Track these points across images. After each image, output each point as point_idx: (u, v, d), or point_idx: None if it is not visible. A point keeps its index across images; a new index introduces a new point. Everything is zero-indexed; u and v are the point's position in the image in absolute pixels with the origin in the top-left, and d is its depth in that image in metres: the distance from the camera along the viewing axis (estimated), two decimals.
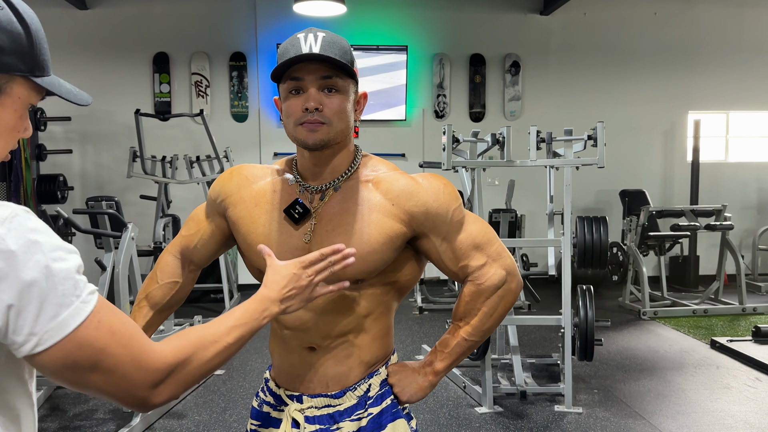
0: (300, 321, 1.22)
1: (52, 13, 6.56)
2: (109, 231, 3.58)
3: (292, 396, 1.26)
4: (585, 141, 3.65)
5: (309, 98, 1.13)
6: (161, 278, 1.37)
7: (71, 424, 3.43)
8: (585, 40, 7.23)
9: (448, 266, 1.24)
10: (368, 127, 7.01)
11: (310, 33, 1.14)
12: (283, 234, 1.21)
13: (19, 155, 5.67)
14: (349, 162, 1.23)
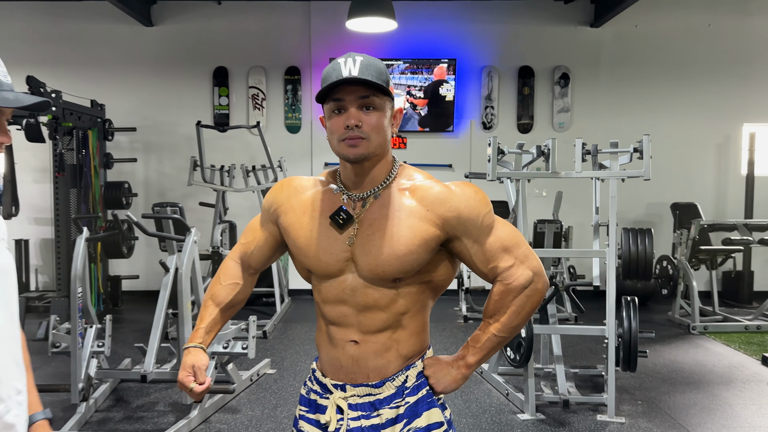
0: (343, 317, 1.36)
1: (122, 30, 7.00)
2: (173, 234, 3.83)
3: (337, 385, 1.40)
4: (631, 153, 3.68)
5: (350, 116, 1.28)
6: (224, 280, 1.53)
7: (134, 415, 3.67)
8: (636, 52, 7.19)
9: (479, 267, 1.36)
10: (416, 138, 7.16)
11: (350, 58, 1.29)
12: (328, 238, 1.35)
13: (89, 163, 6.06)
14: (387, 172, 1.37)
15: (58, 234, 5.91)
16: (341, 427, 1.37)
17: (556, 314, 4.22)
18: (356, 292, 1.34)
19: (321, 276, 1.38)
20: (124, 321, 6.02)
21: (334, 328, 1.39)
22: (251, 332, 3.68)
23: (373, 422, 1.36)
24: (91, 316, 3.75)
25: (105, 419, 3.61)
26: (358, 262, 1.33)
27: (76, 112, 5.81)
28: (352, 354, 1.37)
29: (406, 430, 1.35)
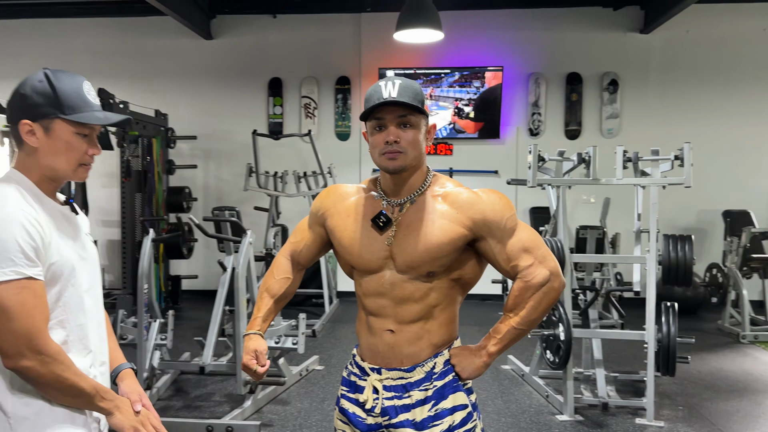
0: (381, 308, 1.54)
1: (184, 44, 7.41)
2: (230, 236, 4.10)
3: (374, 368, 1.57)
4: (672, 161, 3.72)
5: (389, 133, 1.46)
6: (277, 275, 1.73)
7: (192, 404, 3.95)
8: (688, 58, 7.12)
9: (502, 265, 1.52)
10: (462, 144, 7.29)
11: (389, 82, 1.47)
12: (369, 239, 1.53)
13: (153, 169, 6.46)
14: (422, 180, 1.55)
15: (124, 235, 6.32)
16: (376, 405, 1.54)
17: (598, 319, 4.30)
18: (394, 286, 1.52)
19: (363, 272, 1.56)
20: (183, 318, 6.38)
21: (373, 318, 1.57)
22: (300, 329, 3.90)
23: (404, 402, 1.53)
24: (156, 311, 4.05)
25: (166, 407, 3.90)
26: (396, 258, 1.51)
27: (142, 122, 6.21)
28: (388, 341, 1.54)
29: (433, 409, 1.52)
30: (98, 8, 7.30)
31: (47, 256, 1.30)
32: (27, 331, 1.24)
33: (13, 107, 1.36)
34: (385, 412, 1.53)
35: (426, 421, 1.51)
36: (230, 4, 7.31)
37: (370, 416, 1.56)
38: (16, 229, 1.25)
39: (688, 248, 3.60)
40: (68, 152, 1.36)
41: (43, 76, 1.37)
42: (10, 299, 1.22)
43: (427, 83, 7.18)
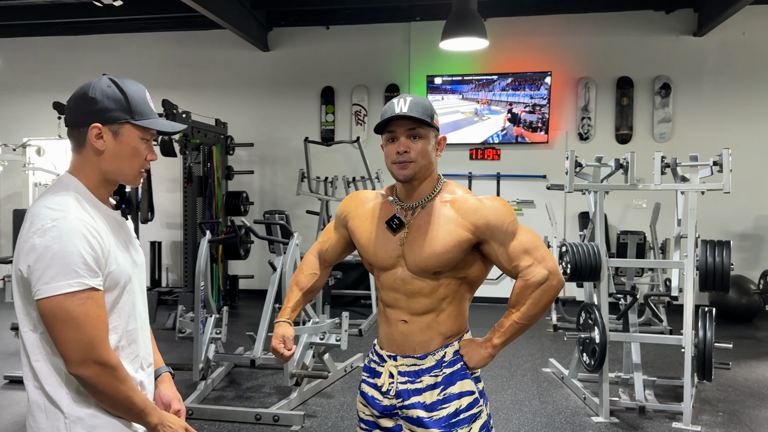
0: (395, 301, 1.71)
1: (242, 55, 7.80)
2: (279, 238, 4.36)
3: (390, 355, 1.75)
4: (711, 167, 3.73)
5: (400, 145, 1.64)
6: (305, 270, 1.92)
7: (244, 395, 4.23)
8: (743, 60, 6.96)
9: (504, 265, 1.66)
10: (510, 149, 7.36)
11: (401, 98, 1.64)
12: (384, 239, 1.71)
13: (213, 175, 6.84)
14: (433, 187, 1.71)
15: (186, 237, 6.71)
16: (391, 389, 1.72)
17: (648, 325, 4.31)
18: (405, 281, 1.68)
19: (379, 268, 1.74)
20: (239, 315, 6.73)
21: (389, 310, 1.74)
22: (344, 326, 4.11)
23: (416, 386, 1.70)
24: (211, 307, 4.35)
25: (220, 397, 4.19)
26: (407, 258, 1.67)
27: (203, 130, 6.60)
28: (402, 330, 1.71)
29: (442, 394, 1.68)
30: (163, 23, 7.78)
31: (106, 265, 1.35)
32: (90, 341, 1.28)
33: (79, 111, 1.39)
34: (399, 395, 1.70)
35: (435, 403, 1.67)
36: (286, 17, 7.65)
37: (386, 398, 1.73)
38: (79, 240, 1.29)
39: (725, 254, 3.60)
40: (133, 157, 1.41)
41: (110, 82, 1.40)
42: (76, 309, 1.26)
43: (479, 87, 7.28)
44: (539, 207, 7.15)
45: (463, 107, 7.32)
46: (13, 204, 8.18)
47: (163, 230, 7.90)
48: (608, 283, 3.89)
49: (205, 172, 6.77)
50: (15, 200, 8.25)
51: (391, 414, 1.72)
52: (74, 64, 8.21)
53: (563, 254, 3.88)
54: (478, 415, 1.70)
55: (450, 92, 7.33)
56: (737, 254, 7.06)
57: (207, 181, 6.78)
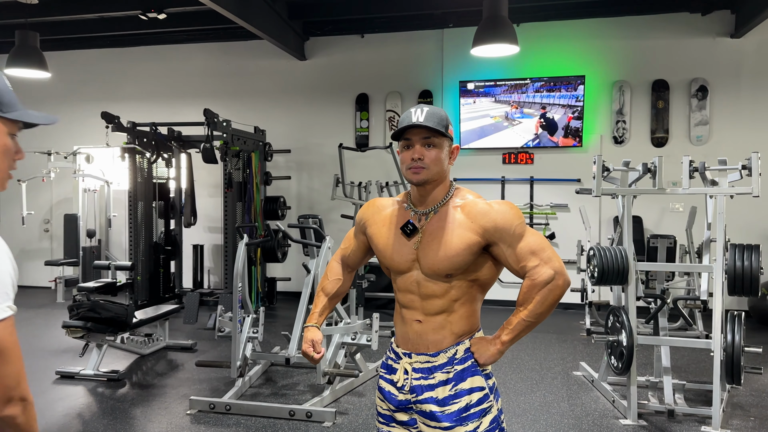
0: (411, 302, 1.82)
1: (280, 64, 8.04)
2: (312, 241, 4.53)
3: (405, 353, 1.85)
4: (740, 171, 3.73)
5: (415, 152, 1.74)
6: (330, 277, 2.05)
7: (279, 392, 4.40)
8: None
9: (512, 266, 1.76)
10: (544, 153, 7.38)
11: (419, 108, 1.76)
12: (400, 244, 1.82)
13: (252, 180, 7.07)
14: (445, 193, 1.81)
15: (226, 241, 6.95)
16: (406, 384, 1.82)
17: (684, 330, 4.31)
18: (420, 284, 1.79)
19: (395, 272, 1.85)
20: (277, 317, 6.94)
21: (405, 310, 1.85)
22: (374, 327, 4.24)
23: (429, 382, 1.80)
24: (249, 307, 4.54)
25: (256, 393, 4.37)
26: (421, 262, 1.78)
27: (242, 137, 6.84)
28: (416, 330, 1.82)
29: (453, 389, 1.78)
30: (206, 34, 8.08)
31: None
32: (18, 375, 1.09)
33: None
34: (413, 390, 1.81)
35: (447, 398, 1.77)
36: (322, 26, 7.85)
37: (401, 393, 1.83)
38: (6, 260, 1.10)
39: (754, 258, 3.59)
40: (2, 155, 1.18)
41: None
42: (7, 339, 1.06)
43: (511, 90, 7.33)
44: (573, 211, 7.15)
45: (494, 110, 7.38)
46: (64, 209, 8.59)
47: (205, 234, 8.19)
48: (636, 287, 3.92)
49: (244, 178, 7.01)
50: (66, 206, 8.67)
51: (406, 408, 1.83)
52: (122, 75, 8.59)
53: (591, 258, 3.92)
54: (488, 410, 1.78)
55: (483, 95, 7.40)
56: None
57: (246, 186, 7.01)
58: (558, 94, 7.21)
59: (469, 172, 7.52)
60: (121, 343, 5.13)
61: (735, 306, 6.63)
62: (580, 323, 6.46)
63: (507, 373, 4.85)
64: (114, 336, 4.83)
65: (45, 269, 8.34)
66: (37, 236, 8.96)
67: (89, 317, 4.64)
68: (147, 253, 7.10)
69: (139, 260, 6.97)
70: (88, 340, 4.77)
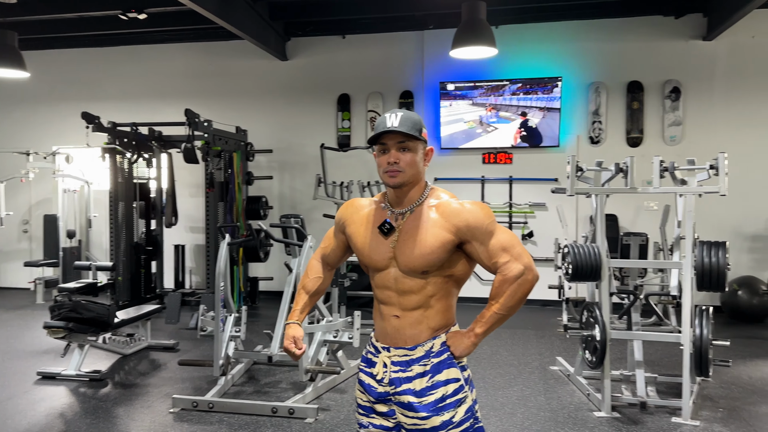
0: (388, 298, 1.89)
1: (262, 65, 8.07)
2: (294, 241, 4.59)
3: (384, 347, 1.93)
4: (708, 170, 3.86)
5: (390, 156, 1.82)
6: (310, 275, 2.12)
7: (262, 390, 4.45)
8: (753, 63, 7.03)
9: (484, 262, 1.84)
10: (522, 153, 7.51)
11: (393, 113, 1.83)
12: (377, 242, 1.89)
13: (234, 180, 7.09)
14: (420, 193, 1.89)
15: (208, 240, 6.98)
16: (385, 377, 1.90)
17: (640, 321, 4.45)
18: (397, 281, 1.87)
19: (373, 269, 1.93)
20: (259, 316, 6.97)
21: (383, 306, 1.93)
22: (356, 325, 4.32)
23: (407, 375, 1.88)
24: (231, 306, 4.59)
25: (239, 392, 4.42)
26: (398, 259, 1.86)
27: (224, 137, 6.87)
28: (394, 325, 1.90)
29: (430, 381, 1.86)
30: (186, 34, 8.08)
31: None
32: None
33: None
34: (392, 382, 1.89)
35: (424, 390, 1.86)
36: (303, 27, 7.90)
37: (380, 386, 1.91)
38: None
39: (721, 254, 3.73)
40: None
41: None
42: None
43: (489, 92, 7.44)
44: (551, 210, 7.28)
45: (469, 114, 7.48)
46: (44, 210, 8.55)
47: (186, 234, 8.20)
48: (609, 283, 4.04)
49: (226, 178, 7.03)
50: (45, 206, 8.62)
51: (385, 400, 1.91)
52: (102, 75, 8.56)
53: (565, 255, 4.03)
54: (463, 400, 1.87)
55: (459, 98, 7.50)
56: (749, 255, 7.13)
57: (228, 186, 7.04)
58: (535, 96, 7.34)
59: (449, 171, 7.62)
60: (103, 344, 5.15)
61: (708, 301, 6.82)
62: (557, 319, 6.53)
63: (486, 368, 4.95)
64: (96, 336, 4.84)
65: (24, 270, 8.29)
66: (15, 237, 8.89)
67: (71, 317, 4.66)
68: (128, 253, 7.10)
69: (120, 261, 6.97)
70: (69, 341, 4.78)
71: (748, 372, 4.79)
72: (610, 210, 7.18)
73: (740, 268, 7.00)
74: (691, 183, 3.97)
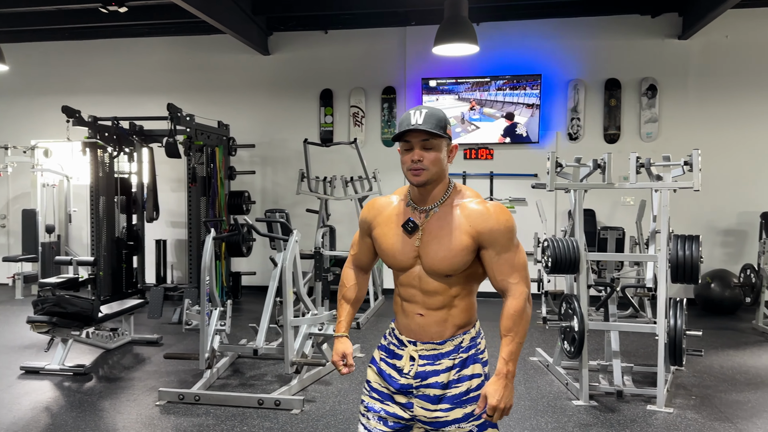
0: (412, 296, 1.91)
1: (244, 59, 8.07)
2: (279, 235, 4.63)
3: (410, 341, 1.94)
4: (682, 166, 3.99)
5: (414, 154, 1.81)
6: (347, 283, 2.09)
7: (248, 383, 4.50)
8: (727, 63, 7.22)
9: (494, 273, 1.85)
10: (502, 149, 7.62)
11: (417, 110, 1.82)
12: (402, 243, 1.89)
13: (216, 175, 7.10)
14: (444, 191, 1.88)
15: (190, 235, 6.98)
16: (412, 370, 1.92)
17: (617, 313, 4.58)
18: (422, 280, 1.88)
19: (399, 269, 1.93)
20: (242, 310, 7.00)
21: (406, 304, 1.94)
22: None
23: (435, 368, 1.91)
24: (216, 300, 4.62)
25: (225, 384, 4.46)
26: (423, 260, 1.87)
27: (206, 132, 6.86)
28: (419, 322, 1.91)
29: (457, 374, 1.90)
30: (168, 28, 8.04)
31: None
32: None
33: None
34: (418, 375, 1.91)
35: (451, 382, 1.90)
36: (286, 22, 7.91)
37: (403, 378, 1.93)
38: None
39: (695, 248, 3.86)
40: None
41: None
42: None
43: (473, 87, 7.53)
44: (531, 205, 7.41)
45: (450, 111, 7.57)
46: (22, 204, 8.46)
47: (168, 229, 8.18)
48: (587, 276, 4.15)
49: (208, 173, 7.03)
50: (24, 200, 8.53)
51: (407, 392, 1.93)
52: (81, 69, 8.48)
53: (545, 249, 4.14)
54: None
55: (446, 92, 7.59)
56: (722, 249, 7.34)
57: (210, 181, 7.04)
58: (516, 93, 7.45)
59: None
60: (87, 338, 5.15)
61: (682, 294, 7.01)
62: (537, 312, 6.70)
63: None
64: (79, 331, 4.84)
65: (2, 265, 8.20)
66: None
67: (54, 312, 4.65)
68: (109, 248, 7.08)
69: (101, 255, 6.94)
70: (53, 335, 4.77)
71: (719, 362, 4.96)
72: (588, 205, 7.34)
73: (713, 261, 7.21)
74: (666, 179, 4.09)
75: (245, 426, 3.71)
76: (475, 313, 1.95)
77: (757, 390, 4.28)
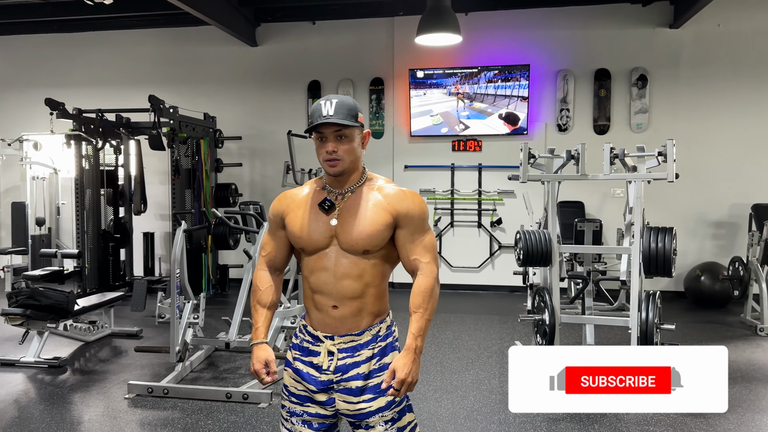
0: (324, 284, 1.87)
1: (231, 51, 8.01)
2: (253, 228, 4.60)
3: (326, 336, 1.91)
4: (656, 157, 3.91)
5: (329, 146, 1.82)
6: (261, 286, 2.00)
7: (220, 376, 4.48)
8: (719, 52, 7.09)
9: (407, 253, 1.89)
10: (491, 141, 7.54)
11: (328, 101, 1.81)
12: (317, 222, 1.88)
13: (201, 167, 7.07)
14: (359, 178, 1.91)
15: (174, 228, 6.95)
16: (331, 365, 1.89)
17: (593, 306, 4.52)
18: (336, 261, 1.86)
19: (311, 251, 1.89)
20: (228, 303, 6.97)
21: (318, 296, 1.90)
22: None
23: (355, 360, 1.89)
24: (188, 293, 4.60)
25: (197, 377, 4.44)
26: (339, 237, 1.86)
27: (191, 124, 6.83)
28: (334, 315, 1.88)
29: (377, 363, 1.89)
30: (153, 20, 7.98)
31: None
32: None
33: None
34: (338, 370, 1.89)
35: (372, 372, 1.89)
36: (273, 13, 7.84)
37: (323, 374, 1.89)
38: None
39: (668, 240, 3.79)
40: None
41: None
42: None
43: (462, 80, 7.45)
44: (519, 197, 7.33)
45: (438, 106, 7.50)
46: (12, 197, 8.47)
47: (156, 221, 8.16)
48: (561, 268, 4.09)
49: (193, 165, 7.00)
50: (14, 193, 8.54)
51: (327, 389, 1.90)
52: (69, 61, 8.46)
53: (517, 241, 4.08)
54: None
55: (434, 86, 7.51)
56: (713, 241, 7.24)
57: (195, 173, 7.01)
58: (504, 84, 7.36)
59: (419, 159, 7.65)
60: (64, 330, 5.14)
61: (672, 287, 6.92)
62: (523, 305, 6.65)
63: (445, 353, 5.01)
64: (55, 323, 4.83)
65: None
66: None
67: (28, 304, 4.64)
68: (95, 240, 7.08)
69: (86, 248, 6.94)
70: (28, 328, 4.77)
71: None
72: (576, 197, 7.26)
73: (704, 254, 7.12)
74: (640, 169, 4.01)
75: (210, 420, 3.69)
76: (388, 301, 1.96)
77: (735, 384, 4.20)
